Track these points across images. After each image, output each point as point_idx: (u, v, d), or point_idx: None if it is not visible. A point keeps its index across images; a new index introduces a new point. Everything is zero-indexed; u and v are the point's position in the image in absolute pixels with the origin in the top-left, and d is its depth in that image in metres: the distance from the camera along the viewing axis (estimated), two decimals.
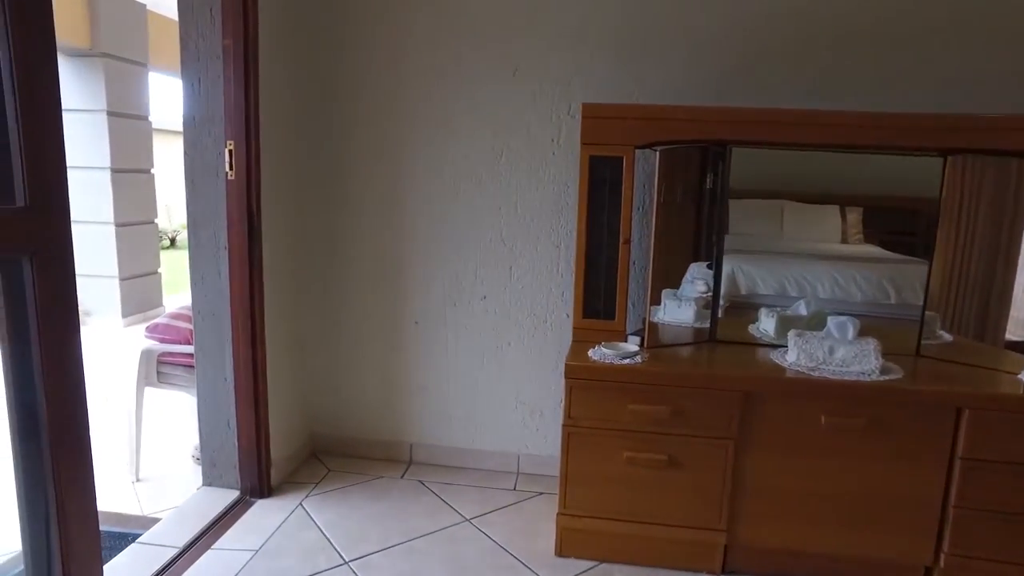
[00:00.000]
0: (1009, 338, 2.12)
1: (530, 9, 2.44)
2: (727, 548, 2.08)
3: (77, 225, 5.49)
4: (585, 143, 2.18)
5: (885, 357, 2.00)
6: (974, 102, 2.22)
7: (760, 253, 2.38)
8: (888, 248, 2.32)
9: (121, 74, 5.21)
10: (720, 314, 2.33)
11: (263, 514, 2.35)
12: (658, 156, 2.15)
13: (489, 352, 2.71)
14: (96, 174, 5.14)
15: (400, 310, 2.74)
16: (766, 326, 2.33)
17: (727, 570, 2.10)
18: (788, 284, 2.36)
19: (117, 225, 5.24)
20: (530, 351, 2.68)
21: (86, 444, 1.58)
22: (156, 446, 3.02)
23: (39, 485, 1.51)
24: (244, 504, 2.40)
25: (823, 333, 2.10)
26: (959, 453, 1.89)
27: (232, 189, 2.21)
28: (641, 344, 2.20)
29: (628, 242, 2.21)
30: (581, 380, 2.02)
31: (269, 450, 2.46)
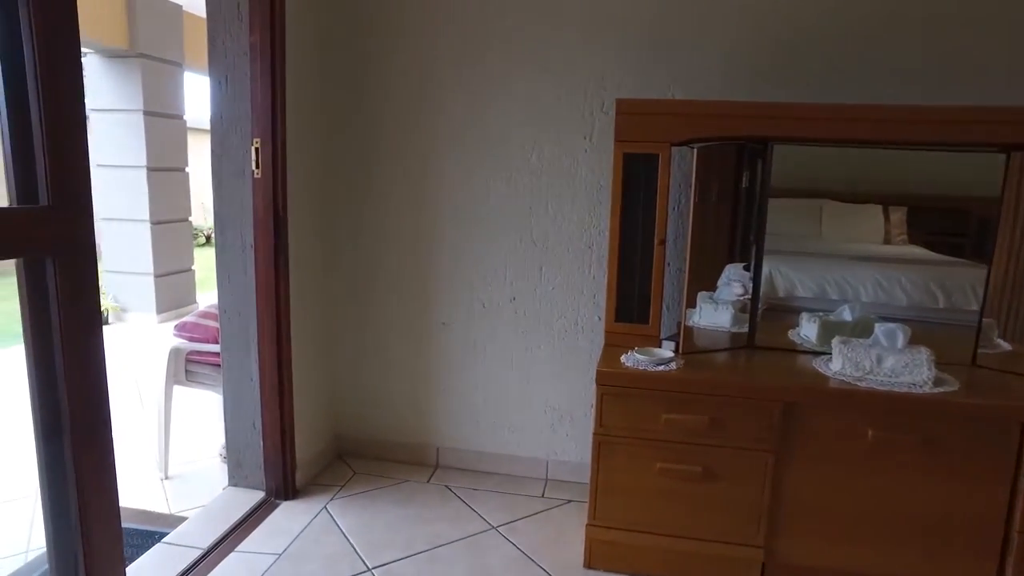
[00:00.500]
0: None
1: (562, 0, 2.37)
2: (764, 565, 1.97)
3: (114, 223, 5.64)
4: (619, 140, 2.09)
5: (938, 367, 1.88)
6: None
7: (798, 254, 2.29)
8: (934, 250, 2.20)
9: (157, 74, 5.29)
10: (758, 318, 2.23)
11: (288, 516, 2.32)
12: (695, 154, 2.06)
13: (518, 355, 2.65)
14: (132, 172, 5.22)
15: (427, 311, 2.69)
16: (807, 332, 2.22)
17: None
18: (828, 287, 2.25)
19: (152, 223, 5.32)
20: (560, 354, 2.61)
21: (108, 444, 1.57)
22: (185, 444, 3.03)
23: (62, 485, 1.50)
24: (269, 506, 2.38)
25: (870, 341, 1.98)
26: None
27: (258, 188, 2.18)
28: (676, 350, 2.11)
29: (663, 243, 2.13)
30: (613, 387, 1.94)
31: (294, 451, 2.43)
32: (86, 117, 1.41)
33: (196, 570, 2.01)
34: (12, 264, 1.36)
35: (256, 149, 2.16)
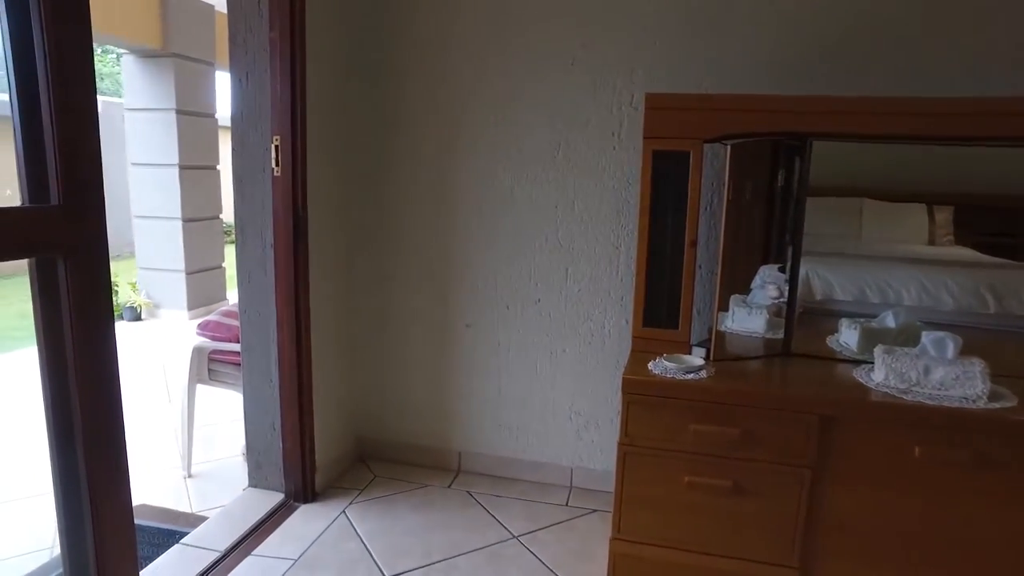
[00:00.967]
0: None
1: None
2: None
3: (147, 220, 5.71)
4: (648, 137, 2.00)
5: (993, 380, 1.74)
6: None
7: (836, 255, 2.16)
8: (984, 251, 2.05)
9: (190, 73, 5.34)
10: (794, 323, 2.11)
11: (305, 520, 2.29)
12: (728, 151, 1.95)
13: (543, 358, 2.57)
14: (165, 171, 5.29)
15: (450, 312, 2.63)
16: (847, 339, 2.10)
17: None
18: (868, 290, 2.13)
19: (184, 220, 5.37)
20: (586, 359, 2.52)
21: (121, 447, 1.54)
22: (209, 442, 3.03)
23: (75, 487, 1.49)
24: (287, 509, 2.35)
25: (916, 350, 1.85)
26: None
27: (278, 186, 2.15)
28: (707, 357, 2.01)
29: (695, 244, 2.02)
30: (640, 396, 1.85)
31: (314, 454, 2.40)
32: (98, 116, 1.38)
33: (211, 574, 1.98)
34: (9, 265, 1.34)
35: (276, 147, 2.12)
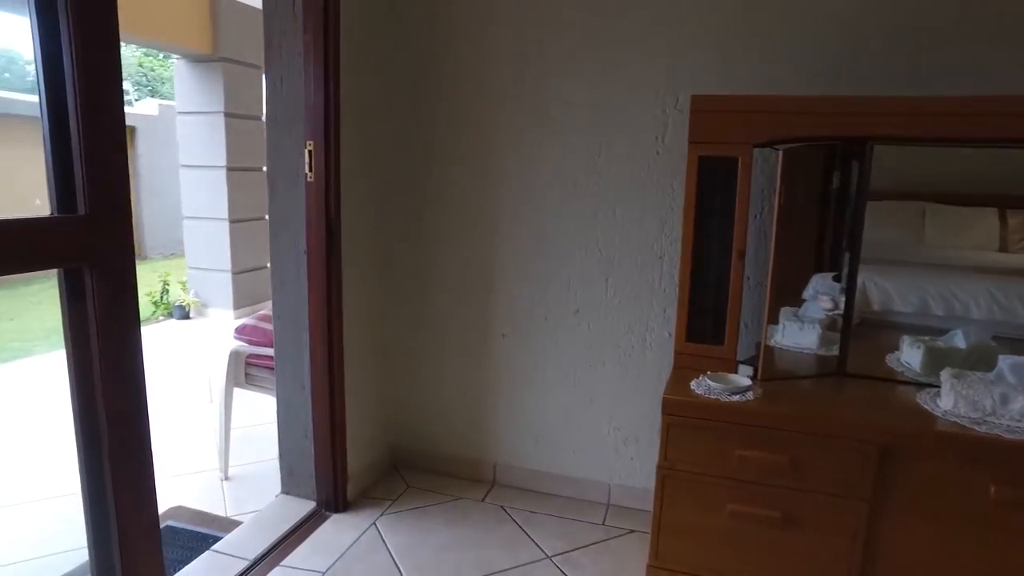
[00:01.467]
0: None
1: None
2: None
3: (196, 221, 5.84)
4: (694, 141, 1.89)
5: None
6: None
7: (896, 263, 2.02)
8: None
9: (238, 77, 5.43)
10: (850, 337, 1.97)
11: (336, 530, 2.25)
12: (780, 156, 1.83)
13: (581, 371, 2.48)
14: (213, 172, 5.39)
15: (486, 321, 2.56)
16: (909, 358, 1.94)
17: None
18: (931, 301, 1.97)
19: (231, 221, 5.47)
20: (627, 372, 2.42)
21: (147, 456, 1.53)
22: (247, 444, 3.04)
23: (101, 494, 1.48)
24: (319, 517, 2.32)
25: (992, 375, 1.69)
26: None
27: (311, 192, 2.12)
28: (754, 376, 1.89)
29: (743, 255, 1.90)
30: (681, 417, 1.74)
31: (345, 463, 2.36)
32: (126, 126, 1.37)
33: None
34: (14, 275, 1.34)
35: (310, 151, 2.09)
